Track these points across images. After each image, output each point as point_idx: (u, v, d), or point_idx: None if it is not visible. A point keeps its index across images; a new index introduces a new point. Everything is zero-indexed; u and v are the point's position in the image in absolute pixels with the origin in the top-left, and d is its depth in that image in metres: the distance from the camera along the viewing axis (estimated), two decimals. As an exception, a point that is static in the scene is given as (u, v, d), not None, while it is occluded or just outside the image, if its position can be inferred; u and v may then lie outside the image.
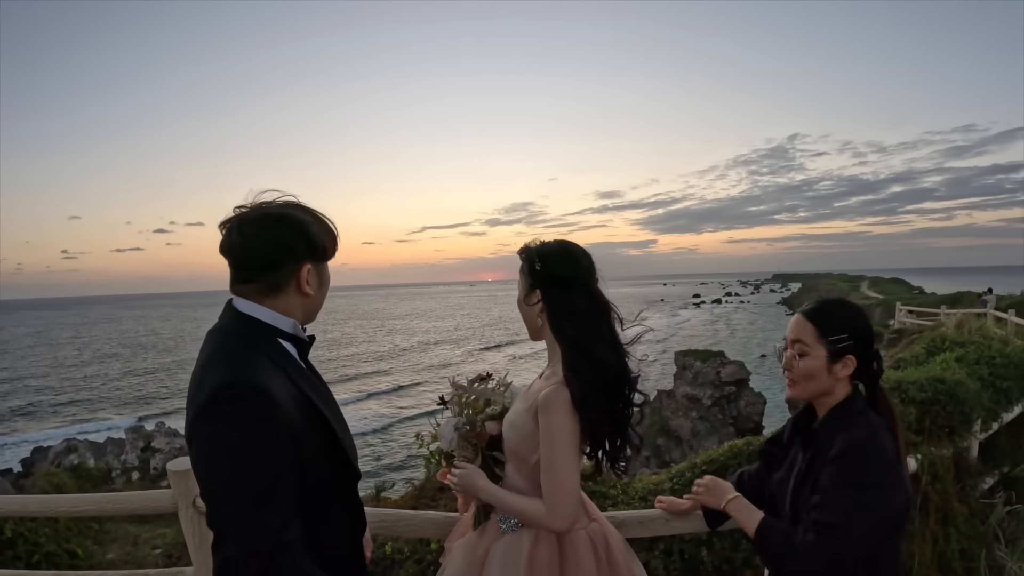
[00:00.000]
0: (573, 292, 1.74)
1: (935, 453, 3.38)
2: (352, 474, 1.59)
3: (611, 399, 1.71)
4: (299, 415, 1.39)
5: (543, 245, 1.81)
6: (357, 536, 1.64)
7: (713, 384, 21.22)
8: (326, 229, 1.55)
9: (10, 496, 2.89)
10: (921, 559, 3.15)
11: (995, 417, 4.33)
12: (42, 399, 39.36)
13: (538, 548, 1.72)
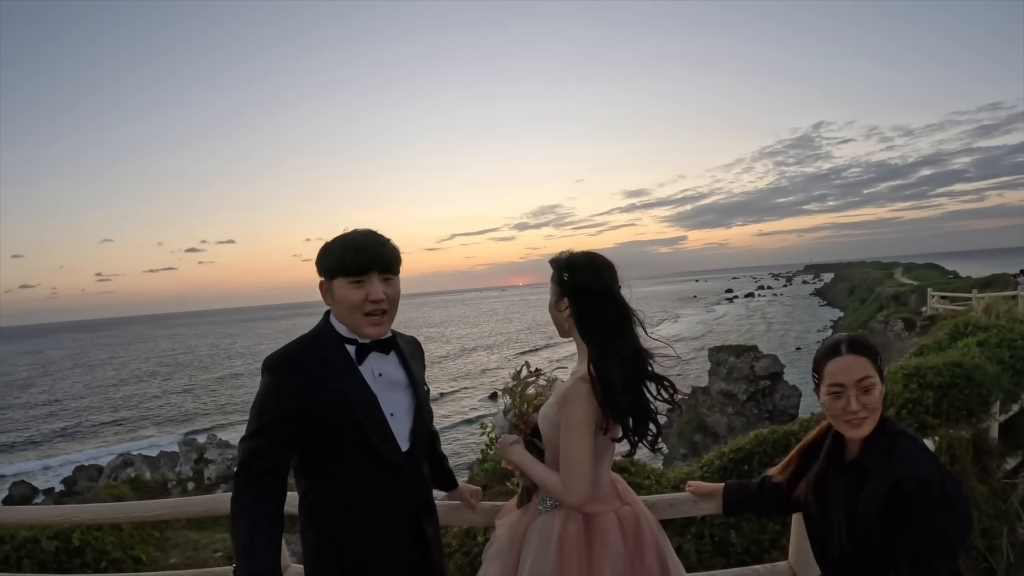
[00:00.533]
0: (597, 299, 1.96)
1: (953, 435, 3.51)
2: (376, 452, 1.85)
3: (632, 392, 1.93)
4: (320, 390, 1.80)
5: (571, 256, 2.04)
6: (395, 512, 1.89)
7: (747, 379, 21.16)
8: (333, 249, 1.86)
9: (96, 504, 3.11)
10: None
11: (1015, 399, 4.39)
12: (82, 420, 40.01)
13: (567, 527, 1.93)
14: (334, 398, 1.81)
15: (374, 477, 1.86)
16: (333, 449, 1.83)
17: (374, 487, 1.86)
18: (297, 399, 1.76)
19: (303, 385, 1.78)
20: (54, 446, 34.09)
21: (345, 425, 1.81)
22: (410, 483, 1.93)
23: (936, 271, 56.85)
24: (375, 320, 1.86)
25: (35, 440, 35.79)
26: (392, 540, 1.89)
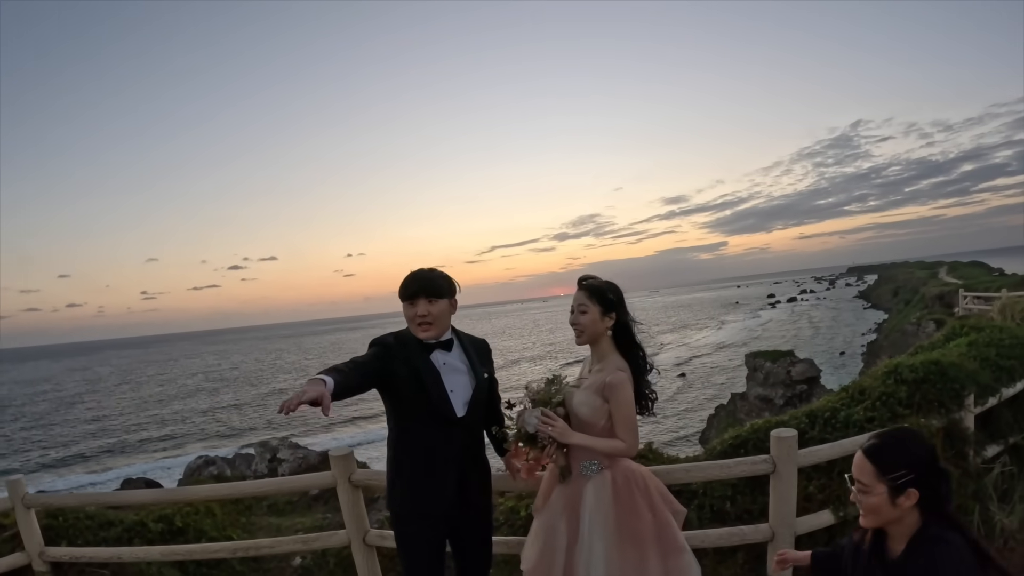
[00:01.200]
0: (627, 317, 2.86)
1: (923, 424, 4.01)
2: (437, 413, 2.77)
3: (645, 379, 2.86)
4: (401, 363, 2.74)
5: (608, 281, 2.90)
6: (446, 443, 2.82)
7: (784, 384, 21.36)
8: (402, 282, 2.83)
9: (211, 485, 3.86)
10: None
11: (993, 392, 4.74)
12: (129, 436, 40.32)
13: (616, 477, 2.73)
14: (411, 372, 2.75)
15: (436, 431, 2.79)
16: (409, 408, 2.80)
17: (435, 438, 2.80)
18: (387, 364, 2.73)
19: (394, 357, 2.75)
20: (102, 461, 34.40)
21: (417, 391, 2.75)
22: (462, 439, 2.85)
23: (981, 269, 55.12)
24: (423, 328, 2.79)
25: (84, 455, 36.09)
26: (442, 476, 2.81)
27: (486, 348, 3.12)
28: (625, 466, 2.76)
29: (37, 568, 4.30)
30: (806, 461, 3.43)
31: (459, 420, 2.80)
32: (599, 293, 2.79)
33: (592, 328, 2.80)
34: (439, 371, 2.80)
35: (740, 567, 3.59)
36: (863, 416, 4.17)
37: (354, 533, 3.76)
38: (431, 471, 2.80)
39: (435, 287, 2.79)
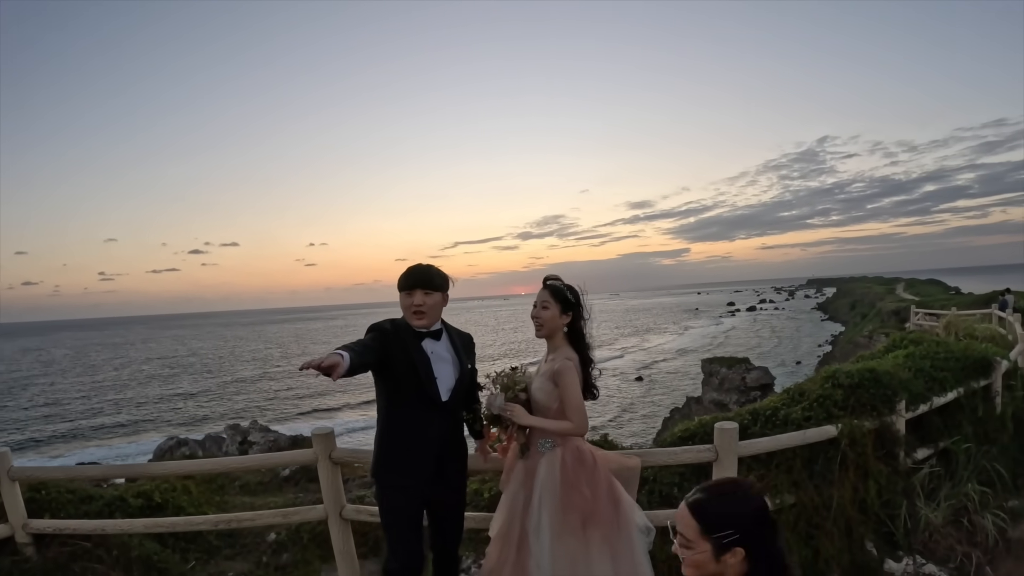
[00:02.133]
0: (581, 317, 3.28)
1: (855, 424, 4.40)
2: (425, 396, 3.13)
3: (589, 369, 3.26)
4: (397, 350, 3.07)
5: (566, 283, 3.28)
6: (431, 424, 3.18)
7: (739, 389, 22.12)
8: (401, 274, 3.18)
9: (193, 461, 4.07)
10: (840, 500, 4.21)
11: (925, 400, 5.20)
12: (84, 421, 39.79)
13: (565, 455, 3.13)
14: (404, 356, 3.10)
15: (421, 412, 3.16)
16: (400, 390, 3.14)
17: (420, 419, 3.16)
18: (386, 348, 3.05)
19: (391, 343, 3.08)
20: (55, 447, 33.94)
21: (409, 375, 3.10)
22: (443, 421, 3.22)
23: (938, 287, 57.48)
24: (418, 317, 3.15)
25: (36, 439, 35.55)
26: (424, 453, 3.17)
27: (471, 341, 3.50)
28: (575, 446, 3.17)
29: (20, 540, 4.46)
30: (745, 452, 3.86)
31: (442, 404, 3.18)
32: (560, 293, 3.22)
33: (551, 324, 3.21)
34: (428, 357, 3.16)
35: None
36: (801, 415, 4.57)
37: (331, 508, 4.06)
38: (415, 448, 3.16)
39: (432, 280, 3.17)
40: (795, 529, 4.10)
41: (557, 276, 3.28)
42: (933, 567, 4.22)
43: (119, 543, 4.44)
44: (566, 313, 3.21)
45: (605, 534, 3.02)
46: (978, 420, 5.75)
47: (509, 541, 3.16)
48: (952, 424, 5.54)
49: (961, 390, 5.66)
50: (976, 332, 10.79)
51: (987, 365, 6.16)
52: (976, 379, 5.92)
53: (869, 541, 4.35)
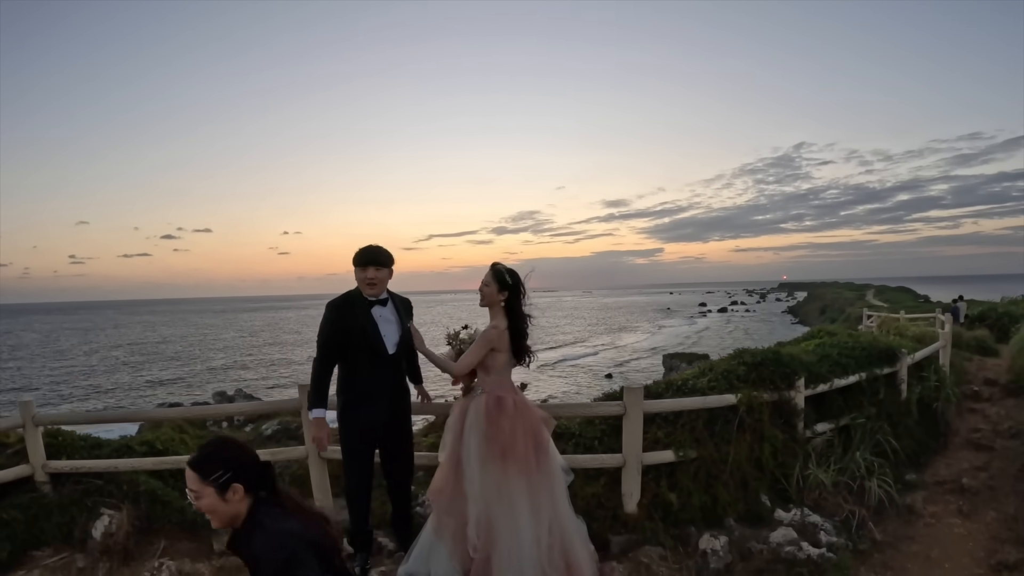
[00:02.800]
0: (518, 295, 3.95)
1: (753, 395, 5.19)
2: (375, 352, 3.96)
3: (524, 338, 3.96)
4: (351, 320, 3.90)
5: (509, 267, 3.97)
6: (381, 375, 4.04)
7: (696, 384, 23.13)
8: (357, 253, 3.95)
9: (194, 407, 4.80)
10: (736, 457, 4.99)
11: (825, 380, 5.96)
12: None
13: (489, 400, 3.87)
14: (356, 324, 3.94)
15: (372, 365, 4.01)
16: (355, 349, 3.97)
17: (372, 370, 4.02)
18: (339, 324, 3.94)
19: (342, 317, 3.95)
20: None
21: (360, 337, 3.94)
22: (391, 370, 4.09)
23: (907, 295, 58.41)
24: (370, 287, 3.98)
25: None
26: (377, 399, 4.03)
27: (410, 305, 4.32)
28: (499, 395, 3.90)
29: (38, 479, 5.16)
30: (649, 409, 4.68)
31: (389, 357, 4.03)
32: (500, 276, 3.92)
33: (489, 298, 3.94)
34: (376, 321, 3.99)
35: (602, 487, 4.77)
36: (706, 385, 5.39)
37: (311, 447, 4.92)
38: (369, 395, 4.02)
39: (381, 258, 4.00)
40: (695, 478, 4.86)
41: (501, 263, 4.02)
42: (817, 518, 4.84)
43: (128, 480, 5.19)
44: (503, 291, 3.89)
45: (521, 467, 3.76)
46: (880, 402, 6.49)
47: (450, 463, 3.95)
48: (854, 404, 6.30)
49: (863, 375, 6.44)
50: (906, 331, 11.80)
51: (892, 356, 6.98)
52: (880, 367, 6.71)
53: (764, 494, 5.09)
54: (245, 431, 7.21)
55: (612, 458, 4.66)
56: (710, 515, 4.82)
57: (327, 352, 3.98)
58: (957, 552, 4.79)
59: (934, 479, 6.20)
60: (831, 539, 4.62)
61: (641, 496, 4.69)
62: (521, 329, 3.96)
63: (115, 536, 4.79)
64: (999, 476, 6.09)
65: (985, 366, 11.97)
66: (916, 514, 5.37)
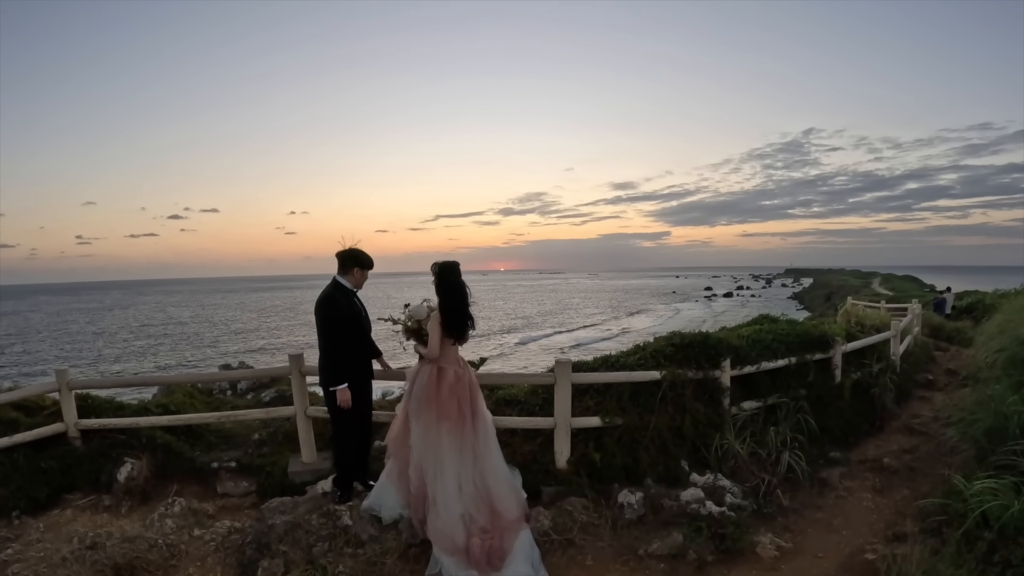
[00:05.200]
0: (448, 282, 4.75)
1: (677, 372, 5.90)
2: (363, 335, 5.09)
3: (459, 321, 4.74)
4: (349, 310, 4.94)
5: (441, 263, 4.81)
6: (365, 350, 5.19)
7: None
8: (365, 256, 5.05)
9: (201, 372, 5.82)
10: (657, 426, 5.70)
11: (753, 362, 6.56)
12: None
13: (432, 369, 4.76)
14: (350, 311, 4.93)
15: (360, 344, 5.10)
16: (352, 333, 4.98)
17: (359, 348, 5.11)
18: (343, 313, 4.87)
19: (343, 308, 4.88)
20: None
21: (353, 321, 4.96)
22: (368, 347, 5.22)
23: (914, 284, 58.30)
24: (358, 285, 5.07)
25: None
26: (362, 371, 5.15)
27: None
28: (440, 365, 4.74)
29: (71, 434, 6.21)
30: (576, 380, 5.53)
31: (368, 337, 5.18)
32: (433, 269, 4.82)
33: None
34: (359, 309, 5.07)
35: (538, 446, 5.61)
36: (635, 362, 6.13)
37: (299, 407, 5.93)
38: (358, 368, 5.08)
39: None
40: (619, 442, 5.61)
41: (436, 262, 4.83)
42: (727, 482, 5.40)
43: (147, 435, 6.28)
44: (434, 281, 4.80)
45: (452, 427, 4.63)
46: (809, 385, 7.01)
47: (402, 419, 4.92)
48: (783, 386, 6.84)
49: (793, 360, 7.00)
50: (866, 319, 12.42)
51: (825, 343, 7.56)
52: (812, 352, 7.28)
53: (685, 460, 5.69)
54: (247, 398, 8.41)
55: (545, 421, 5.53)
56: (632, 475, 5.52)
57: (337, 335, 4.89)
58: (858, 522, 5.18)
59: (859, 458, 6.62)
60: (736, 501, 5.17)
61: (571, 454, 5.53)
62: (449, 313, 4.72)
63: (136, 480, 5.85)
64: (924, 459, 6.38)
65: (957, 356, 12.52)
66: (830, 487, 5.83)
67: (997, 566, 3.80)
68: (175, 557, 4.65)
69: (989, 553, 3.90)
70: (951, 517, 4.38)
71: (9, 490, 5.63)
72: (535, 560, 4.39)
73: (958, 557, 3.92)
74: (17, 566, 4.43)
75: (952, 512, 4.41)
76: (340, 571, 4.21)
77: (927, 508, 4.76)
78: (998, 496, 4.08)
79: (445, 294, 4.76)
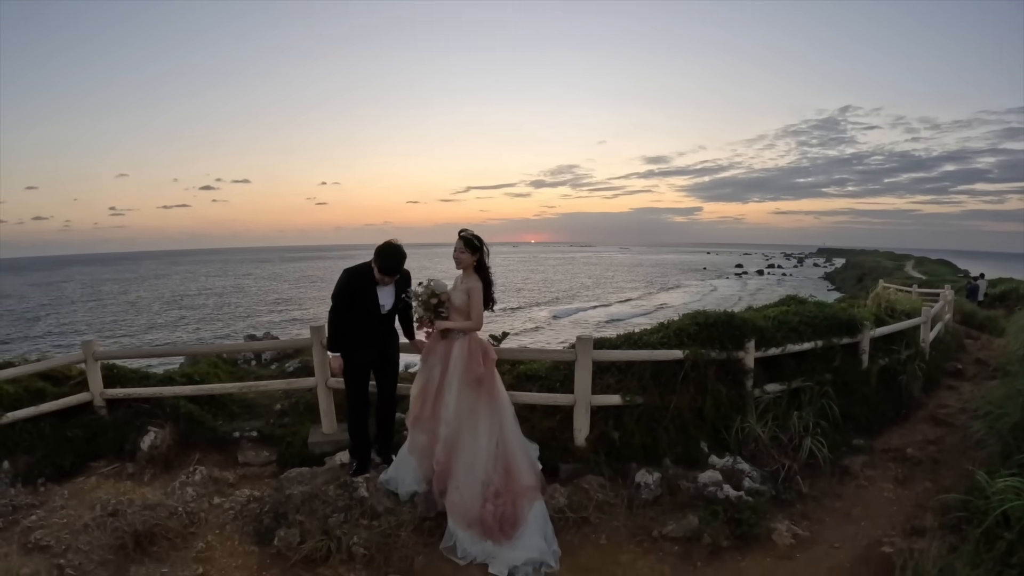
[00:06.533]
0: (483, 254, 4.87)
1: (700, 352, 5.82)
2: (371, 310, 5.04)
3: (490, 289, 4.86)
4: (359, 287, 5.00)
5: (474, 234, 4.83)
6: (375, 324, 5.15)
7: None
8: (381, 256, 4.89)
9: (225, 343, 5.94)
10: (677, 406, 5.68)
11: (778, 344, 6.47)
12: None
13: (471, 342, 4.87)
14: (363, 291, 4.99)
15: (368, 320, 5.09)
16: (359, 306, 5.03)
17: (367, 324, 5.11)
18: (351, 287, 4.98)
19: (355, 283, 4.98)
20: None
21: (364, 300, 5.01)
22: (381, 325, 5.18)
23: (947, 268, 57.57)
24: (384, 282, 5.01)
25: None
26: (369, 345, 5.15)
27: (408, 278, 5.22)
28: (478, 338, 4.90)
29: (97, 404, 6.33)
30: (597, 357, 5.51)
31: (382, 316, 5.11)
32: (470, 242, 4.82)
33: (464, 262, 4.86)
34: (377, 293, 5.02)
35: (557, 422, 5.61)
36: (657, 340, 6.08)
37: (320, 379, 6.02)
38: (363, 342, 5.14)
39: (395, 270, 4.94)
40: (639, 421, 5.59)
41: (467, 229, 4.85)
42: (746, 466, 5.33)
43: (171, 404, 6.37)
44: (474, 254, 4.83)
45: (489, 394, 4.79)
46: (835, 370, 6.89)
47: (427, 396, 4.92)
48: (808, 369, 6.72)
49: (819, 343, 6.85)
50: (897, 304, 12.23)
51: (853, 327, 7.38)
52: (839, 336, 7.12)
53: (704, 442, 5.66)
54: (271, 368, 8.51)
55: (565, 397, 5.53)
56: (651, 455, 5.49)
57: (339, 307, 5.04)
58: (878, 514, 5.07)
59: (883, 446, 6.51)
60: (754, 485, 5.08)
61: (590, 432, 5.52)
62: (490, 280, 4.93)
63: (159, 448, 5.96)
64: (948, 451, 6.26)
65: (988, 346, 12.36)
66: (851, 475, 5.73)
67: (1015, 568, 3.70)
68: (194, 524, 4.72)
69: (1008, 554, 3.80)
70: (972, 514, 4.27)
71: (35, 458, 5.79)
72: (548, 534, 4.44)
73: (976, 556, 3.82)
74: (40, 532, 4.56)
75: (973, 509, 4.29)
76: (355, 542, 4.26)
77: (948, 503, 4.66)
78: (1021, 496, 3.97)
79: (483, 266, 4.90)
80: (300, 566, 4.22)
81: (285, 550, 4.31)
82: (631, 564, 4.37)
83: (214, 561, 4.34)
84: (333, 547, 4.25)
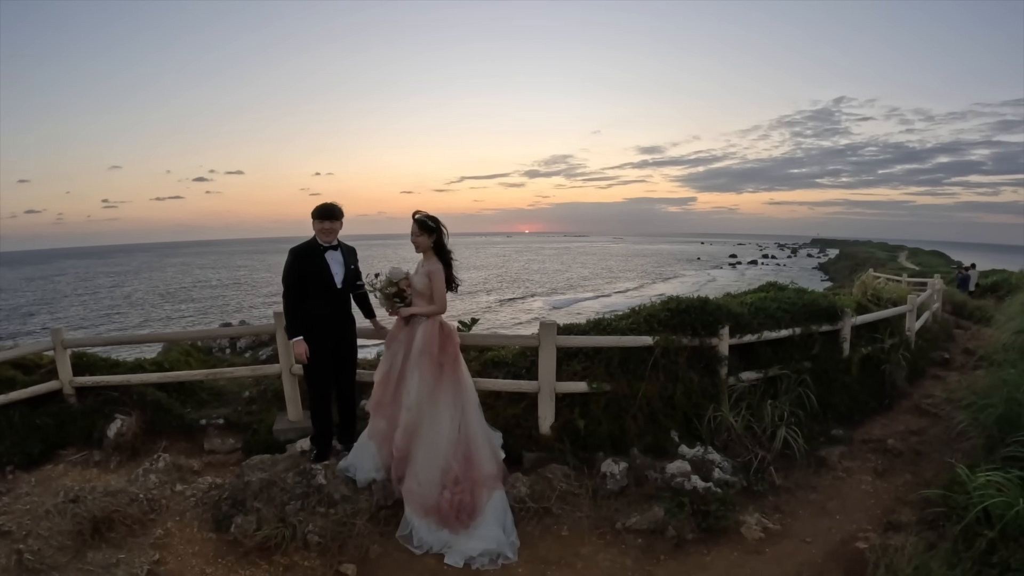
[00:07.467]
0: (441, 235, 4.79)
1: (671, 339, 5.72)
2: (327, 288, 4.95)
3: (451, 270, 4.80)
4: (308, 263, 4.88)
5: (426, 214, 4.78)
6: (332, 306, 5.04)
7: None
8: (317, 208, 4.88)
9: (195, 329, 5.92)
10: (646, 394, 5.58)
11: (754, 331, 6.35)
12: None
13: (433, 326, 4.79)
14: (314, 266, 4.87)
15: (325, 298, 4.97)
16: (312, 285, 4.90)
17: (325, 302, 4.98)
18: (299, 266, 4.85)
19: (302, 260, 4.86)
20: None
21: (316, 276, 4.88)
22: (339, 303, 5.07)
23: (941, 259, 57.18)
24: (324, 236, 4.91)
25: None
26: (327, 328, 5.00)
27: (354, 252, 5.23)
28: (440, 322, 4.83)
29: (66, 392, 6.30)
30: (562, 343, 5.44)
31: (337, 292, 5.00)
32: (424, 224, 4.75)
33: (422, 245, 4.80)
34: (328, 263, 4.92)
35: (522, 410, 5.53)
36: (626, 326, 5.98)
37: (284, 365, 5.99)
38: (323, 322, 4.99)
39: (336, 213, 4.92)
40: (606, 409, 5.50)
41: (421, 211, 4.78)
42: (717, 456, 5.27)
43: (139, 392, 6.36)
44: (431, 236, 4.76)
45: (452, 378, 4.75)
46: (814, 358, 6.80)
47: (389, 380, 4.87)
48: (786, 357, 6.62)
49: (798, 330, 6.73)
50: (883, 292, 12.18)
51: (833, 314, 7.25)
52: (818, 323, 6.99)
53: (675, 431, 5.62)
54: (245, 356, 8.50)
55: (529, 384, 5.46)
56: (618, 444, 5.42)
57: (292, 288, 4.91)
58: (854, 507, 5.00)
59: (863, 437, 6.44)
60: (724, 476, 5.06)
61: (555, 420, 5.44)
62: (450, 261, 4.86)
63: (125, 436, 5.95)
64: (931, 443, 6.19)
65: (977, 335, 12.33)
66: (828, 467, 5.67)
67: (995, 568, 3.58)
68: (155, 511, 4.70)
69: (988, 553, 3.68)
70: (951, 510, 4.17)
71: (4, 446, 5.78)
72: (507, 525, 4.40)
73: (954, 555, 3.72)
74: (3, 518, 4.53)
75: (953, 504, 4.18)
76: (310, 530, 4.24)
77: (927, 497, 4.57)
78: (1002, 492, 3.86)
79: (442, 248, 4.84)
80: (255, 553, 4.19)
81: (241, 537, 4.28)
82: (592, 556, 4.32)
83: (171, 548, 4.32)
84: (288, 535, 4.22)
